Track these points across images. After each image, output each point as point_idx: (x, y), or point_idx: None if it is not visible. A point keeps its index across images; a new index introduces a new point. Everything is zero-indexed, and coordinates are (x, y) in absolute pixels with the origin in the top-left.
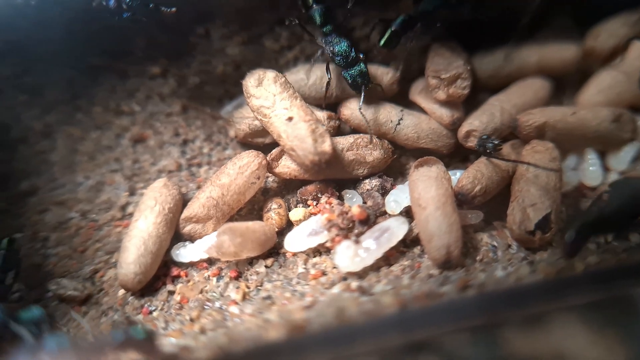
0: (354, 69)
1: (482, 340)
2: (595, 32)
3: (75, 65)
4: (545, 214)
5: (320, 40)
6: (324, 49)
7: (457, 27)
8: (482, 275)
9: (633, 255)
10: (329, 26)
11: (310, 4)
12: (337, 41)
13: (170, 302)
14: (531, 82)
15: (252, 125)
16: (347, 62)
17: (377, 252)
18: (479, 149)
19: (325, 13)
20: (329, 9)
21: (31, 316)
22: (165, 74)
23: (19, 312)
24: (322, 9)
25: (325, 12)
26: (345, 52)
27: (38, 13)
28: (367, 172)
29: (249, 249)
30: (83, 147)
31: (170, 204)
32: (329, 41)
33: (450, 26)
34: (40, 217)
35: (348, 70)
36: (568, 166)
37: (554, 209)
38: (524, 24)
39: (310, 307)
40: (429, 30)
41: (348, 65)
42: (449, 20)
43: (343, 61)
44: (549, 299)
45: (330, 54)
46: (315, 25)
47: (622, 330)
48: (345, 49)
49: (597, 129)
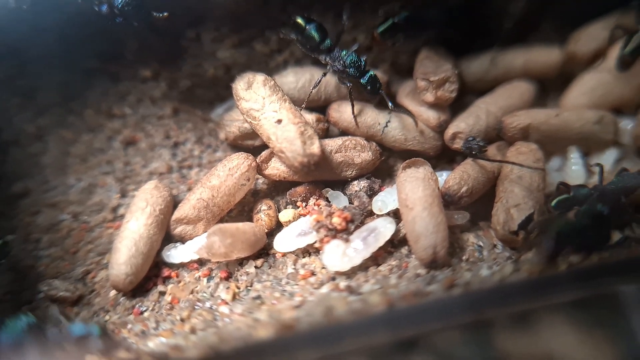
0: (367, 76)
1: (473, 340)
2: (576, 36)
3: (68, 68)
4: (528, 214)
5: (324, 58)
6: (331, 64)
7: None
8: (468, 274)
9: (615, 253)
10: (328, 41)
11: (304, 26)
12: (344, 54)
13: (161, 302)
14: (516, 85)
15: (242, 128)
16: (361, 70)
17: (365, 252)
18: (465, 151)
19: (320, 29)
20: (321, 24)
21: (19, 326)
22: (157, 77)
23: (6, 321)
24: (317, 26)
25: (320, 28)
26: (356, 61)
27: (31, 17)
28: (356, 174)
29: (239, 250)
30: (75, 149)
31: (161, 206)
32: (335, 56)
33: (440, 32)
34: (32, 219)
35: (363, 77)
36: (552, 167)
37: (537, 210)
38: (508, 28)
39: (300, 306)
40: (423, 34)
41: (362, 74)
42: (446, 31)
43: (357, 71)
44: (533, 297)
45: (341, 67)
46: (314, 43)
47: (610, 330)
48: (355, 58)
49: (581, 131)
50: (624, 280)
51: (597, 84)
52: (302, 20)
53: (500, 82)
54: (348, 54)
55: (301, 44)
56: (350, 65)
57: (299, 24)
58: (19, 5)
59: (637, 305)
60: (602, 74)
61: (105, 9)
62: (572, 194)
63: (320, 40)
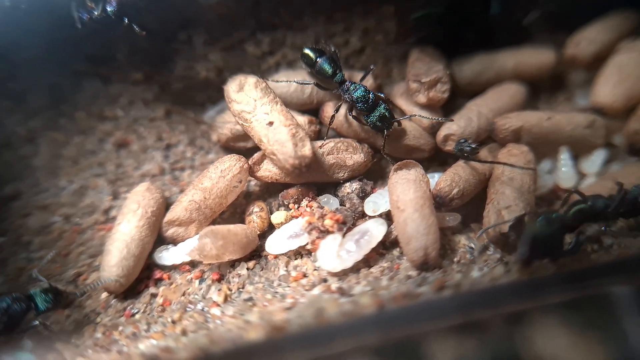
0: (374, 114)
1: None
2: (576, 40)
3: (59, 70)
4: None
5: (337, 91)
6: (344, 97)
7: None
8: (459, 276)
9: (602, 256)
10: (340, 74)
11: (314, 60)
12: (353, 88)
13: (152, 304)
14: (507, 87)
15: (234, 130)
16: (368, 105)
17: (357, 254)
18: (457, 153)
19: (331, 62)
20: (332, 57)
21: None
22: (149, 80)
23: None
24: (328, 59)
25: (331, 61)
26: (364, 97)
27: (22, 19)
28: (348, 176)
29: (231, 252)
30: (66, 151)
31: (153, 208)
32: (345, 89)
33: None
34: (23, 221)
35: (370, 115)
36: (543, 169)
37: (528, 211)
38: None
39: (291, 308)
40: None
41: (370, 109)
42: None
43: (364, 106)
44: (524, 299)
45: (350, 101)
46: (327, 76)
47: (602, 331)
48: (363, 94)
49: (571, 134)
50: (615, 282)
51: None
52: (311, 52)
53: (493, 84)
54: (357, 88)
55: (313, 75)
56: (358, 100)
57: (309, 56)
58: (16, 4)
59: (628, 306)
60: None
61: (85, 17)
62: (590, 204)
63: (332, 75)
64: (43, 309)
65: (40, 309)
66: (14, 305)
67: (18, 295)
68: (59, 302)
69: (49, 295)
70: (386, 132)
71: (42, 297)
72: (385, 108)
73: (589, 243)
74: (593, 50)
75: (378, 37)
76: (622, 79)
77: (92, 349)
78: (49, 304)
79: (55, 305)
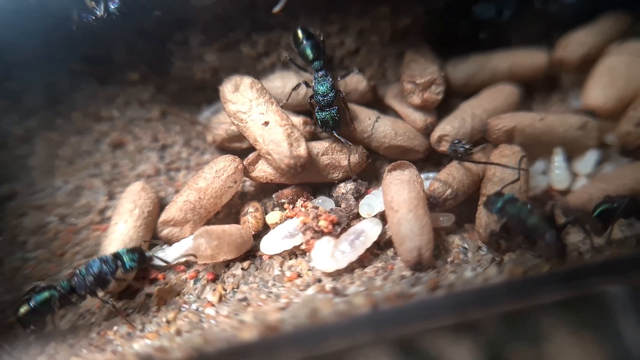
0: (322, 113)
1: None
2: (564, 43)
3: (55, 70)
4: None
5: (310, 76)
6: (312, 83)
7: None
8: (452, 276)
9: (596, 255)
10: (317, 62)
11: (301, 40)
12: (321, 80)
13: (147, 304)
14: (501, 88)
15: (229, 131)
16: (324, 102)
17: (352, 255)
18: (451, 153)
19: (315, 48)
20: (318, 45)
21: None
22: (145, 80)
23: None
24: (312, 44)
25: (315, 47)
26: (324, 93)
27: (18, 19)
28: (342, 176)
29: (226, 252)
30: (62, 151)
31: (150, 208)
32: (315, 77)
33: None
34: (19, 221)
35: (322, 111)
36: (536, 170)
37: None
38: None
39: (285, 308)
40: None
41: (325, 106)
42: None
43: (321, 100)
44: (518, 298)
45: (313, 90)
46: (307, 60)
47: (597, 331)
48: (325, 90)
49: (564, 136)
50: (610, 281)
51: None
52: (301, 33)
53: (487, 85)
54: (324, 81)
55: (298, 55)
56: (318, 93)
57: (297, 36)
58: (13, 4)
59: (623, 306)
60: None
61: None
62: (616, 205)
63: (311, 60)
64: (130, 267)
65: (128, 266)
66: (104, 267)
67: (106, 257)
68: (142, 261)
69: (135, 254)
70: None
71: (129, 255)
72: (331, 115)
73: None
74: (581, 53)
75: (373, 38)
76: (613, 81)
77: (87, 349)
78: (134, 263)
79: (140, 263)
